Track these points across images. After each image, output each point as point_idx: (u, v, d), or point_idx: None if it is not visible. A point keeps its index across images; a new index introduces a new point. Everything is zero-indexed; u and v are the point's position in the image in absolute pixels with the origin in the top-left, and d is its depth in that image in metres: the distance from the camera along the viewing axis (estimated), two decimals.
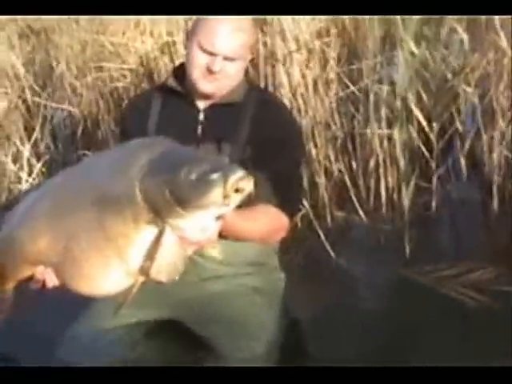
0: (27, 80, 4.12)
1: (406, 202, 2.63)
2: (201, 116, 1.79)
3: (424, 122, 2.78)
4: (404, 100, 2.77)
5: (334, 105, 3.12)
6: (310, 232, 2.63)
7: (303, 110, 3.09)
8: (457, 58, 3.01)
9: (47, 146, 3.84)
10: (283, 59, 3.23)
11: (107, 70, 3.69)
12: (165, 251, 1.31)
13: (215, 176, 1.25)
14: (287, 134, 1.80)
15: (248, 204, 1.71)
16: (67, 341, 1.69)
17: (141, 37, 3.44)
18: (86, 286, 1.40)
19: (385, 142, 2.86)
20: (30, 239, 1.44)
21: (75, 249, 1.37)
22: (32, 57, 4.36)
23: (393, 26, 2.85)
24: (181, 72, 1.81)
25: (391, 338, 1.98)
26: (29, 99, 4.08)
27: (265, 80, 3.29)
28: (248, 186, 1.27)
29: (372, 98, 2.85)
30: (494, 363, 1.60)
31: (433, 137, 2.74)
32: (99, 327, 1.69)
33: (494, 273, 2.24)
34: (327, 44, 3.22)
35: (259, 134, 1.75)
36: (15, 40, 4.44)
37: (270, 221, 1.75)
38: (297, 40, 3.22)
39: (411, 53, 2.76)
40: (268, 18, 3.31)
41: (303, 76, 3.18)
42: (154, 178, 1.30)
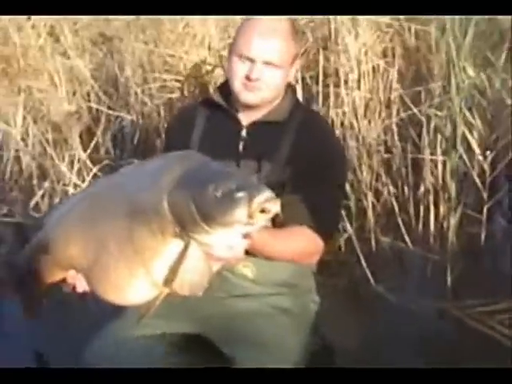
0: (93, 86, 4.23)
1: (453, 232, 2.57)
2: (243, 132, 1.79)
3: (478, 150, 2.72)
4: (458, 126, 2.71)
5: (394, 127, 3.09)
6: (353, 256, 2.59)
7: (357, 131, 3.07)
8: None
9: (107, 152, 3.92)
10: (344, 78, 3.22)
11: (169, 81, 3.75)
12: (189, 266, 1.32)
13: (241, 195, 1.25)
14: (328, 158, 1.77)
15: (284, 224, 1.73)
16: (93, 347, 1.71)
17: (197, 49, 3.51)
18: (113, 294, 1.42)
19: (437, 169, 2.81)
20: (64, 244, 1.48)
21: (105, 258, 1.39)
22: (101, 63, 4.47)
23: (451, 50, 2.78)
24: (226, 87, 1.81)
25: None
26: (93, 105, 4.19)
27: (323, 98, 3.28)
28: (274, 208, 1.26)
29: (427, 123, 2.81)
30: None
31: (486, 166, 2.67)
32: (124, 336, 1.69)
33: None
34: (390, 64, 3.19)
35: (300, 156, 1.73)
36: (88, 45, 4.57)
37: (304, 243, 1.73)
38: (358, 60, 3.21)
39: (468, 77, 2.70)
40: (332, 36, 3.31)
41: (363, 97, 3.17)
42: (182, 192, 1.31)
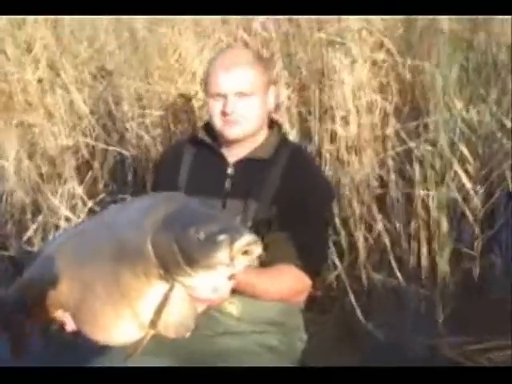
0: (90, 120, 4.25)
1: (445, 268, 2.56)
2: (229, 170, 1.79)
3: (469, 185, 2.72)
4: (448, 161, 2.72)
5: (389, 161, 3.09)
6: (344, 292, 2.58)
7: (349, 165, 3.08)
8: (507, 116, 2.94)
9: (105, 185, 3.93)
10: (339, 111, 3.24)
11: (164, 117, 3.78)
12: (173, 308, 1.31)
13: (222, 237, 1.25)
14: (315, 195, 1.77)
15: (270, 263, 1.73)
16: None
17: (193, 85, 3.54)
18: (100, 335, 1.42)
19: (429, 204, 2.81)
20: (51, 283, 1.47)
21: (91, 299, 1.39)
22: (99, 97, 4.51)
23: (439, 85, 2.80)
24: (211, 125, 1.83)
25: None
26: (90, 140, 4.20)
27: (318, 131, 3.29)
28: (256, 250, 1.27)
29: (417, 158, 2.81)
30: None
31: (477, 200, 2.68)
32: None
33: None
34: (387, 100, 3.21)
35: (286, 193, 1.73)
36: (88, 80, 4.60)
37: (291, 282, 1.73)
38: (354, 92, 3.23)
39: (458, 113, 2.72)
40: (325, 70, 3.33)
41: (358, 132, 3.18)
42: (166, 234, 1.31)
